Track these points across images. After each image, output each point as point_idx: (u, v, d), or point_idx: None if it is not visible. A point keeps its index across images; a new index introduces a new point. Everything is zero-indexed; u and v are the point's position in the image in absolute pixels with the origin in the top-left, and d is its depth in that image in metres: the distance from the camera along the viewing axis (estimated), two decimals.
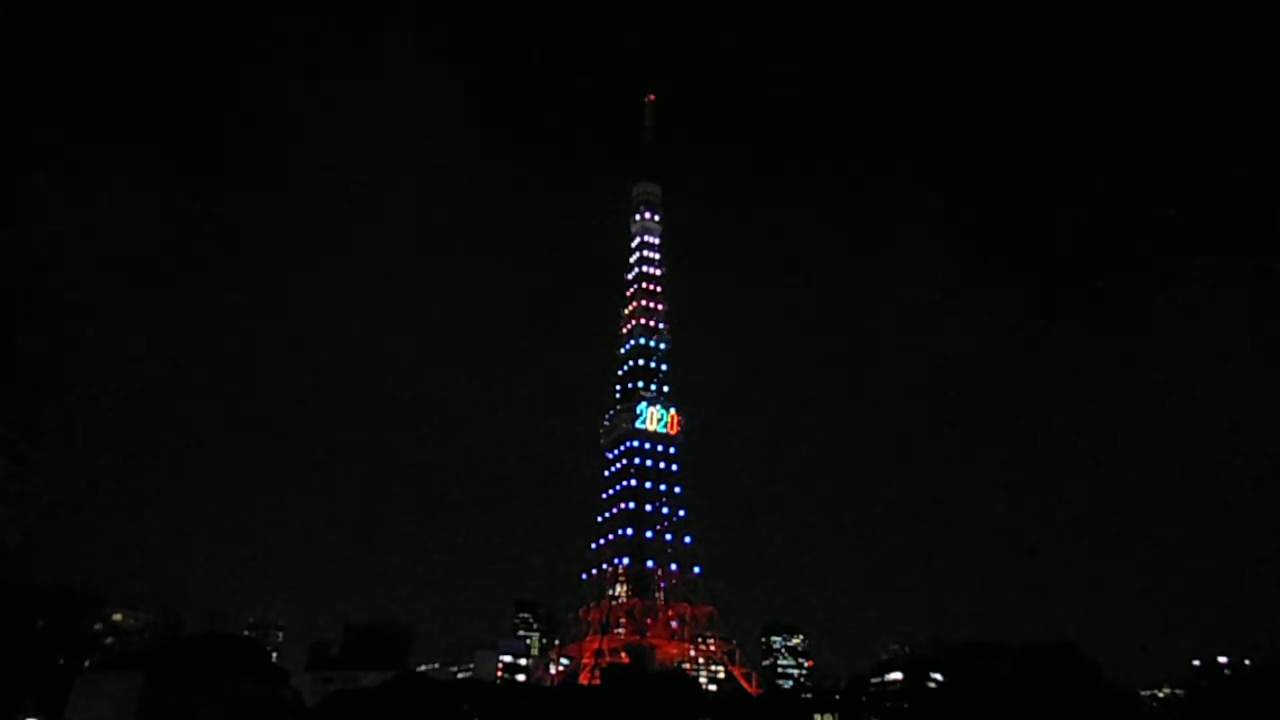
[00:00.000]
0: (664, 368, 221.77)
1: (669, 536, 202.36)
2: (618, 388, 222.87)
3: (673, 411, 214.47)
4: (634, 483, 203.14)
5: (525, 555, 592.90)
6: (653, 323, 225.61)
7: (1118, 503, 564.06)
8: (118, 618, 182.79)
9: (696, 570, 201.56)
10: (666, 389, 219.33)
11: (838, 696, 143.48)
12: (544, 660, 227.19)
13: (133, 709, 62.08)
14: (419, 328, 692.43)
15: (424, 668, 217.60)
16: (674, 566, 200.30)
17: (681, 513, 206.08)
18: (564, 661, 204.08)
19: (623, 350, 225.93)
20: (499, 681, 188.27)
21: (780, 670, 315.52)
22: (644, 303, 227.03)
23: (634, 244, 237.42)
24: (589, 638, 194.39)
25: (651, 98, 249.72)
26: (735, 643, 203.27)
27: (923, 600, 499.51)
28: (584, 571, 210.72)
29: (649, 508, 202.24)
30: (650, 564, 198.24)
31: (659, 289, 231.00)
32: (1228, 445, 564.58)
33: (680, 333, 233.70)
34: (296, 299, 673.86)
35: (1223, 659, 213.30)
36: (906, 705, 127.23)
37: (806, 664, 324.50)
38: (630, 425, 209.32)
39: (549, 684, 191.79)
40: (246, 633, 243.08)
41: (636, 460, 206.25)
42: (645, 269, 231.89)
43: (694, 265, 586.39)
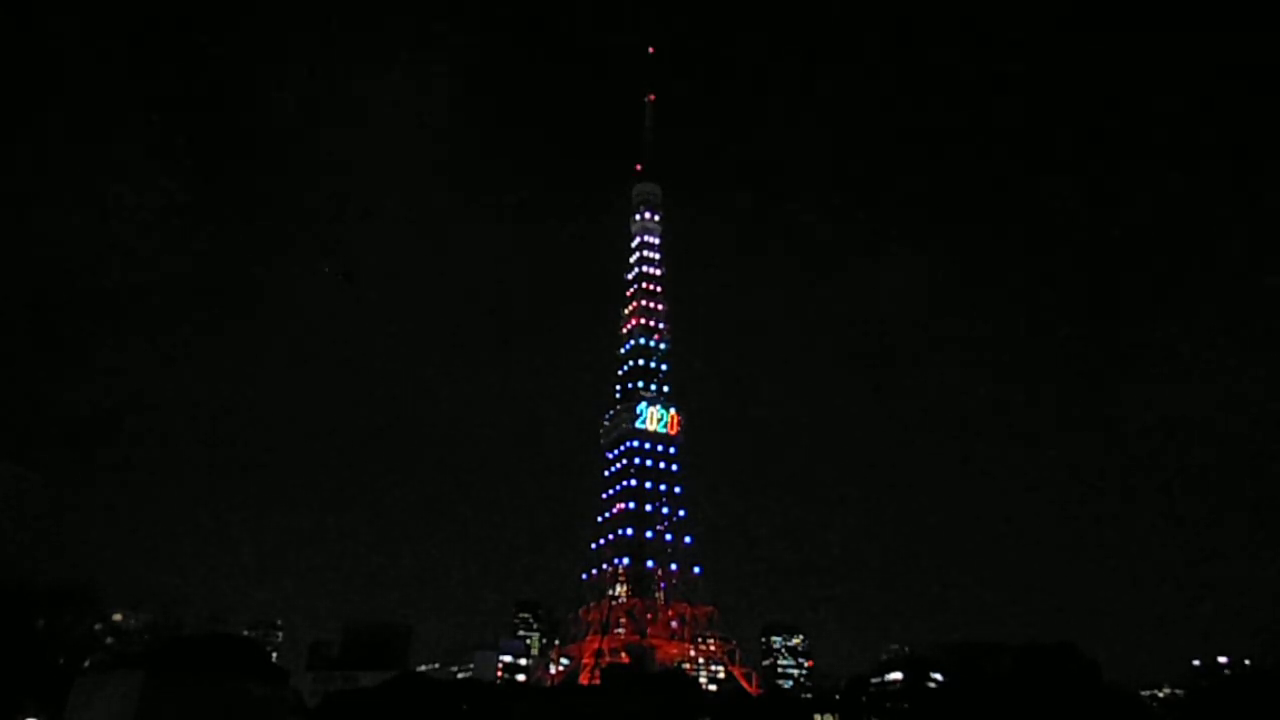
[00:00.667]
0: (664, 368, 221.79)
1: (669, 536, 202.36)
2: (618, 388, 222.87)
3: (673, 411, 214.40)
4: (634, 483, 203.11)
5: (525, 555, 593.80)
6: (653, 323, 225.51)
7: (1118, 503, 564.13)
8: (118, 618, 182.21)
9: (696, 570, 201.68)
10: (666, 389, 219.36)
11: (838, 696, 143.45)
12: (544, 660, 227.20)
13: (132, 709, 61.87)
14: (419, 328, 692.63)
15: (424, 668, 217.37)
16: (674, 566, 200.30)
17: (681, 513, 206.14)
18: (564, 661, 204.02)
19: (623, 350, 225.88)
20: (499, 681, 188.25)
21: (780, 670, 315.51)
22: (644, 303, 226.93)
23: (634, 244, 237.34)
24: (589, 638, 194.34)
25: (651, 97, 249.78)
26: (735, 643, 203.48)
27: (923, 600, 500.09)
28: (584, 571, 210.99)
29: (649, 508, 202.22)
30: (650, 564, 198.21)
31: (659, 289, 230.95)
32: (1227, 445, 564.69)
33: (680, 333, 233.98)
34: (296, 300, 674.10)
35: (1223, 659, 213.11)
36: (906, 705, 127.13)
37: (806, 664, 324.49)
38: (630, 425, 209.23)
39: (549, 684, 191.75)
40: (246, 633, 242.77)
41: (636, 460, 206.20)
42: (645, 269, 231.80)
43: (694, 265, 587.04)
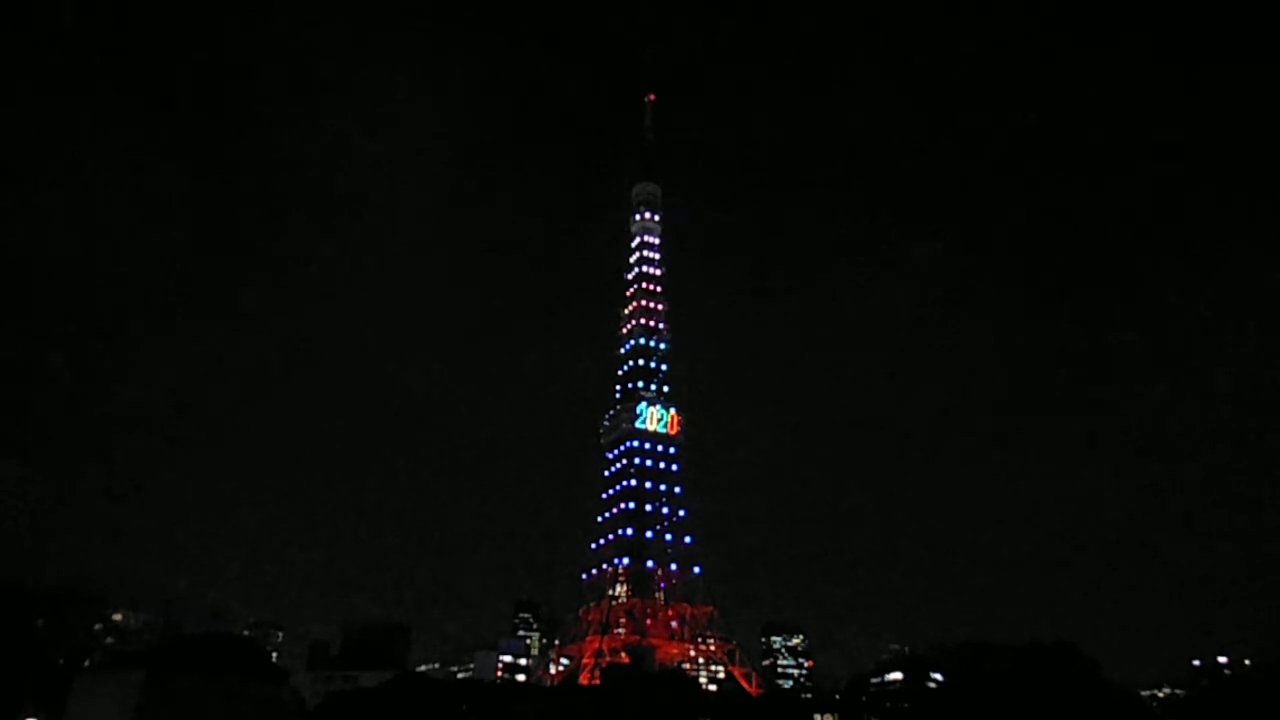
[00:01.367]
0: (664, 368, 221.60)
1: (669, 536, 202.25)
2: (618, 388, 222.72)
3: (673, 411, 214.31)
4: (634, 483, 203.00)
5: (525, 555, 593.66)
6: (653, 323, 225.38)
7: (1118, 503, 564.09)
8: (118, 618, 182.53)
9: (696, 570, 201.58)
10: (666, 389, 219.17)
11: (838, 696, 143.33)
12: (544, 660, 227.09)
13: (132, 709, 61.88)
14: (419, 328, 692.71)
15: (424, 668, 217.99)
16: (674, 566, 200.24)
17: (681, 513, 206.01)
18: (564, 661, 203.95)
19: (623, 350, 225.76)
20: (499, 681, 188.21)
21: (780, 670, 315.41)
22: (644, 303, 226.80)
23: (634, 244, 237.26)
24: (589, 638, 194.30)
25: (651, 97, 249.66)
26: (735, 643, 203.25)
27: (923, 600, 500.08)
28: (584, 571, 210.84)
29: (649, 508, 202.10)
30: (650, 564, 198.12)
31: (659, 289, 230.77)
32: (1228, 445, 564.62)
33: (680, 333, 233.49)
34: (297, 301, 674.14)
35: (1223, 659, 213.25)
36: (906, 705, 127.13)
37: (806, 664, 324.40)
38: (630, 425, 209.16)
39: (549, 684, 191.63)
40: (246, 633, 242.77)
41: (636, 460, 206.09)
42: (645, 269, 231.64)
43: (694, 265, 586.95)
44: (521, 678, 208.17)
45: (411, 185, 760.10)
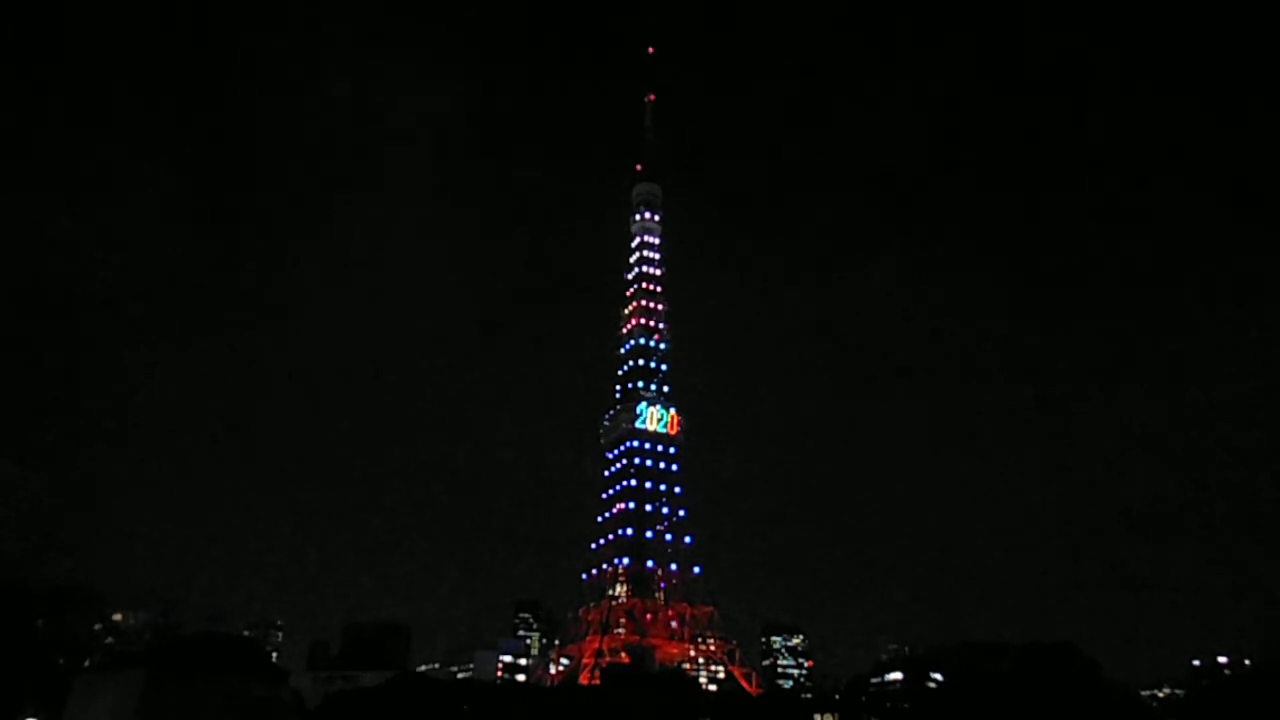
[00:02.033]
0: (664, 368, 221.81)
1: (669, 536, 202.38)
2: (618, 388, 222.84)
3: (673, 411, 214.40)
4: (634, 483, 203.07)
5: (525, 555, 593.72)
6: (652, 323, 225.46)
7: (1118, 503, 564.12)
8: (118, 618, 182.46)
9: (696, 570, 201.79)
10: (666, 389, 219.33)
11: (838, 696, 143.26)
12: (544, 660, 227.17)
13: (132, 709, 61.81)
14: (418, 328, 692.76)
15: (424, 668, 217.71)
16: (674, 566, 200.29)
17: (681, 513, 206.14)
18: (564, 661, 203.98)
19: (623, 350, 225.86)
20: (499, 681, 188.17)
21: (780, 670, 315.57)
22: (644, 303, 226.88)
23: (634, 244, 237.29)
24: (589, 638, 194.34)
25: (652, 97, 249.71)
26: (735, 643, 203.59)
27: (923, 600, 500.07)
28: (584, 571, 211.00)
29: (649, 508, 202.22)
30: (650, 564, 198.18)
31: (659, 289, 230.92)
32: (1228, 445, 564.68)
33: (680, 333, 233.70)
34: (296, 301, 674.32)
35: (1223, 659, 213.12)
36: (906, 705, 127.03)
37: (806, 664, 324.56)
38: (630, 425, 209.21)
39: (549, 684, 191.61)
40: (246, 633, 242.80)
41: (636, 460, 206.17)
42: (645, 269, 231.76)
43: (694, 265, 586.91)
44: (521, 678, 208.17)
45: (411, 186, 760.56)
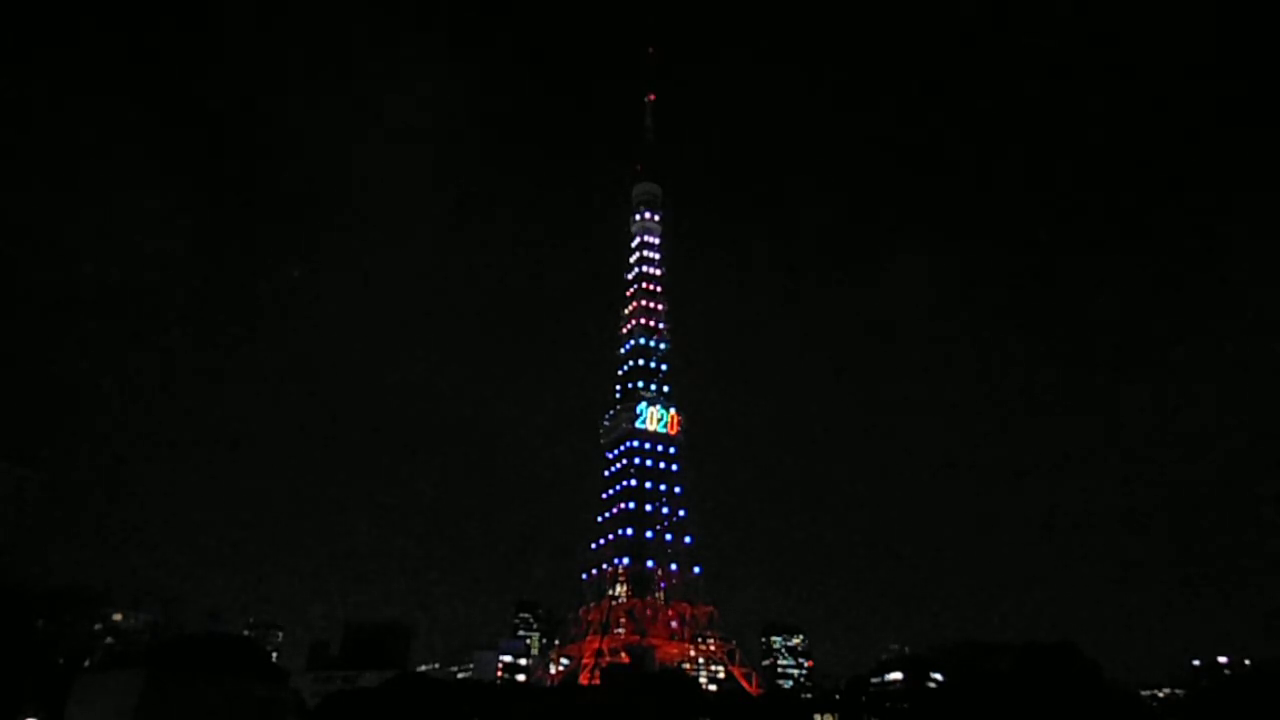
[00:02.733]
0: (664, 368, 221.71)
1: (669, 536, 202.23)
2: (618, 388, 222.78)
3: (673, 411, 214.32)
4: (634, 483, 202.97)
5: (525, 555, 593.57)
6: (653, 323, 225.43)
7: (1118, 503, 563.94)
8: (118, 618, 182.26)
9: (696, 570, 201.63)
10: (666, 389, 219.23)
11: (838, 696, 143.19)
12: (544, 660, 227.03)
13: (132, 709, 61.94)
14: (418, 329, 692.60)
15: (424, 668, 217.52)
16: (674, 566, 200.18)
17: (681, 513, 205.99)
18: (564, 661, 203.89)
19: (623, 350, 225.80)
20: (499, 681, 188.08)
21: (780, 670, 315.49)
22: (644, 303, 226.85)
23: (634, 244, 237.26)
24: (589, 638, 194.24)
25: (652, 97, 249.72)
26: (735, 643, 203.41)
27: (923, 600, 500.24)
28: (584, 571, 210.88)
29: (649, 508, 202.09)
30: (650, 564, 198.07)
31: (659, 289, 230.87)
32: (1228, 446, 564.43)
33: (680, 333, 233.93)
34: (297, 302, 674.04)
35: (1223, 659, 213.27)
36: (906, 705, 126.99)
37: (806, 664, 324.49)
38: (630, 425, 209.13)
39: (549, 684, 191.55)
40: (246, 633, 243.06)
41: (636, 460, 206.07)
42: (645, 269, 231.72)
43: (694, 265, 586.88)
44: (521, 678, 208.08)
45: (411, 186, 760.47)
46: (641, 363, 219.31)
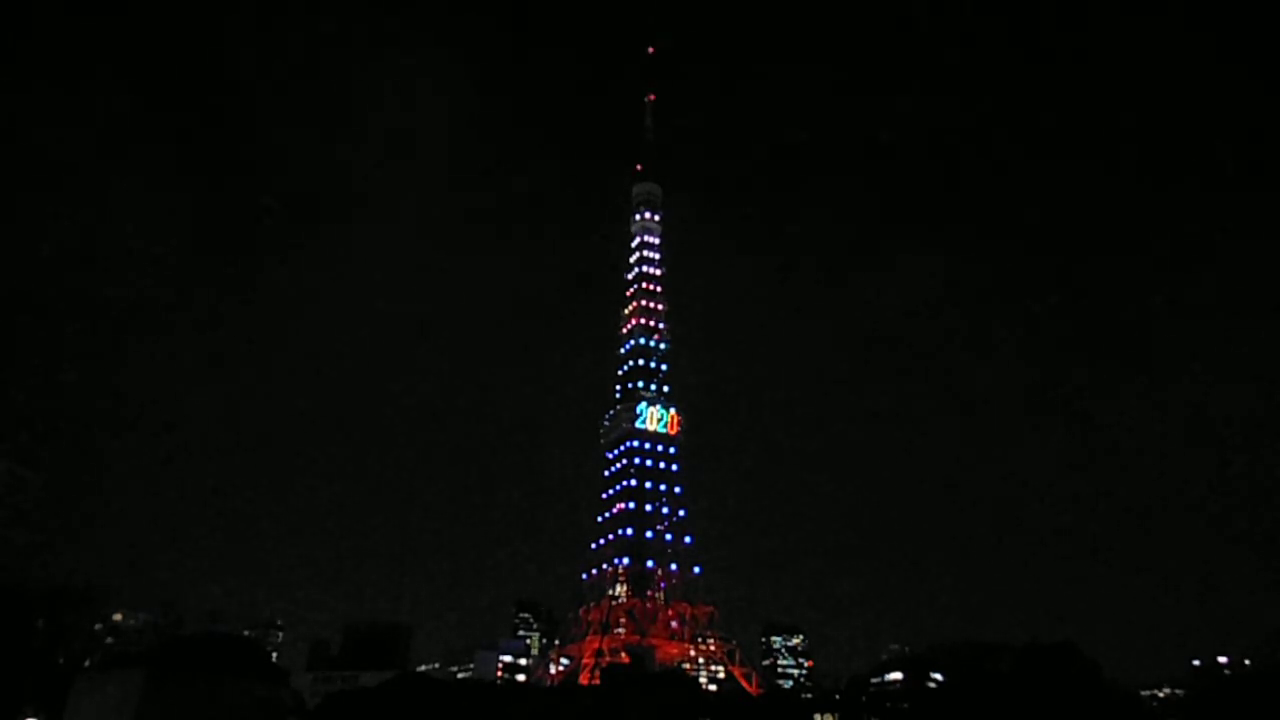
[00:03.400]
0: (664, 368, 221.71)
1: (669, 536, 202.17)
2: (618, 388, 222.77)
3: (673, 411, 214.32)
4: (634, 483, 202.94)
5: (525, 555, 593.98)
6: (653, 323, 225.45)
7: (1118, 503, 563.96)
8: (118, 618, 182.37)
9: (696, 570, 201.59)
10: (666, 389, 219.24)
11: (838, 696, 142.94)
12: (544, 660, 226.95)
13: (132, 709, 61.96)
14: (419, 329, 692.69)
15: (424, 668, 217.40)
16: (674, 566, 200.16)
17: (681, 512, 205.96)
18: (564, 661, 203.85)
19: (623, 350, 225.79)
20: (499, 681, 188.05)
21: (780, 670, 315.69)
22: (644, 303, 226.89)
23: (634, 244, 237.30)
24: (589, 638, 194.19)
25: (652, 97, 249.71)
26: (735, 643, 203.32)
27: (923, 600, 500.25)
28: (584, 571, 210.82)
29: (649, 508, 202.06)
30: (650, 564, 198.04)
31: (659, 289, 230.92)
32: (1228, 446, 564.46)
33: (680, 333, 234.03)
34: (297, 301, 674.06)
35: (1223, 659, 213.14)
36: (906, 705, 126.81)
37: (806, 664, 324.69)
38: (630, 425, 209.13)
39: (549, 684, 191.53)
40: (246, 633, 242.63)
41: (636, 460, 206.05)
42: (645, 269, 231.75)
43: (694, 265, 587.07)
44: (521, 678, 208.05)
45: (410, 187, 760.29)
46: (641, 363, 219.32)
